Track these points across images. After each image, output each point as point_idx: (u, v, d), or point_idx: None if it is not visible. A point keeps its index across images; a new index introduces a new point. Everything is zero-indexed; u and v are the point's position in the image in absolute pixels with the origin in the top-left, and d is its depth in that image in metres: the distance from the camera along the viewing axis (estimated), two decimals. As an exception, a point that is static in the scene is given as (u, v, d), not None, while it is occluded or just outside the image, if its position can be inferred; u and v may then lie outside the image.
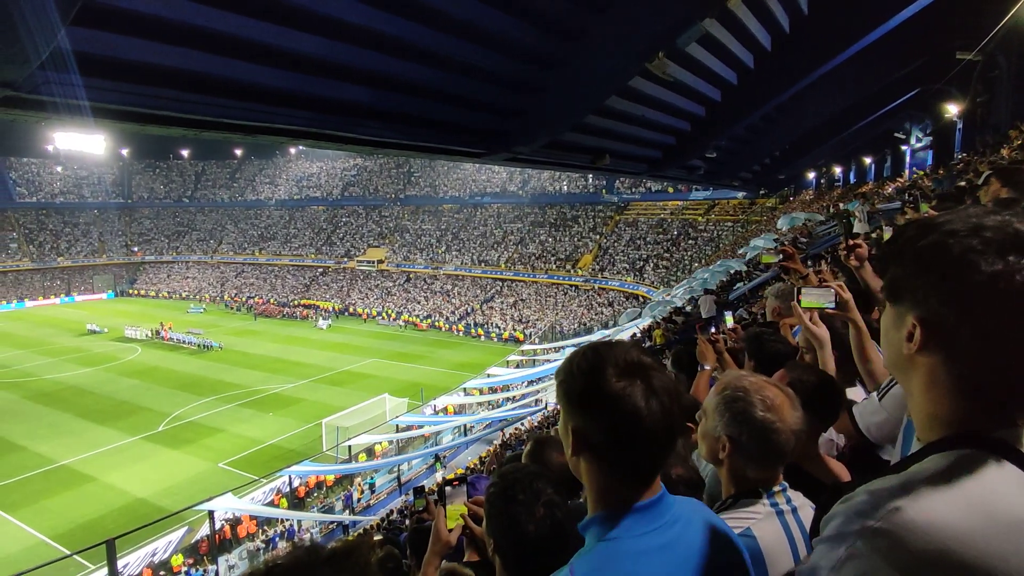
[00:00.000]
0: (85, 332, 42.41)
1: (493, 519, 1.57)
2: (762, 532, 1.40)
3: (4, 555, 15.38)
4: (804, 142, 21.66)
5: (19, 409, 26.23)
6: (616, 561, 0.99)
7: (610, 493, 1.04)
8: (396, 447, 22.28)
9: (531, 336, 38.67)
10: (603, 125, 13.89)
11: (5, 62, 3.19)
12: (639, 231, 46.50)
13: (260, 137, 7.92)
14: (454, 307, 46.09)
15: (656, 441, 1.01)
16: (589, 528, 1.05)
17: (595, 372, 1.01)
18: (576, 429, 1.03)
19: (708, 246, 40.90)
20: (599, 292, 42.47)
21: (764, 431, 1.44)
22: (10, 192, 63.49)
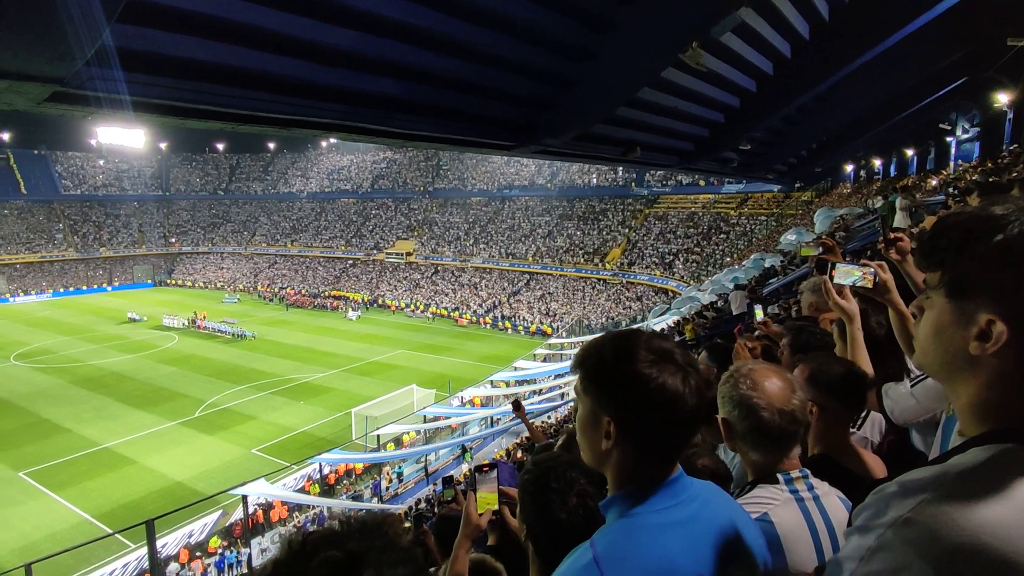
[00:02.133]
0: (126, 320, 43.90)
1: (527, 505, 1.59)
2: (780, 518, 1.40)
3: (51, 532, 16.07)
4: (843, 133, 21.01)
5: (65, 393, 27.32)
6: (636, 534, 1.02)
7: (636, 473, 1.07)
8: (423, 437, 22.54)
9: (558, 330, 38.61)
10: (634, 117, 13.68)
11: (54, 59, 3.28)
12: (669, 225, 45.88)
13: (294, 130, 8.03)
14: (481, 300, 46.27)
15: (689, 421, 1.05)
16: (611, 507, 1.09)
17: (629, 357, 1.04)
18: (615, 416, 1.05)
19: (740, 240, 40.13)
20: (627, 286, 42.11)
21: (745, 408, 1.46)
22: (56, 185, 65.94)
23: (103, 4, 3.47)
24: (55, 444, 21.67)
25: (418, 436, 22.38)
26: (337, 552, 0.74)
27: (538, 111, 12.06)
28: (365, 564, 0.73)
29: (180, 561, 15.15)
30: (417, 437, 22.36)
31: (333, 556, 0.73)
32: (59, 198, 65.22)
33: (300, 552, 0.76)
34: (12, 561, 14.30)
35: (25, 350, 35.53)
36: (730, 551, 1.07)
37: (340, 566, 0.73)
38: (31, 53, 3.10)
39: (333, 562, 0.73)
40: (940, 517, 0.64)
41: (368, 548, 0.75)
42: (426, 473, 20.39)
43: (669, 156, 16.80)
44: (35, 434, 22.55)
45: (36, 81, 3.39)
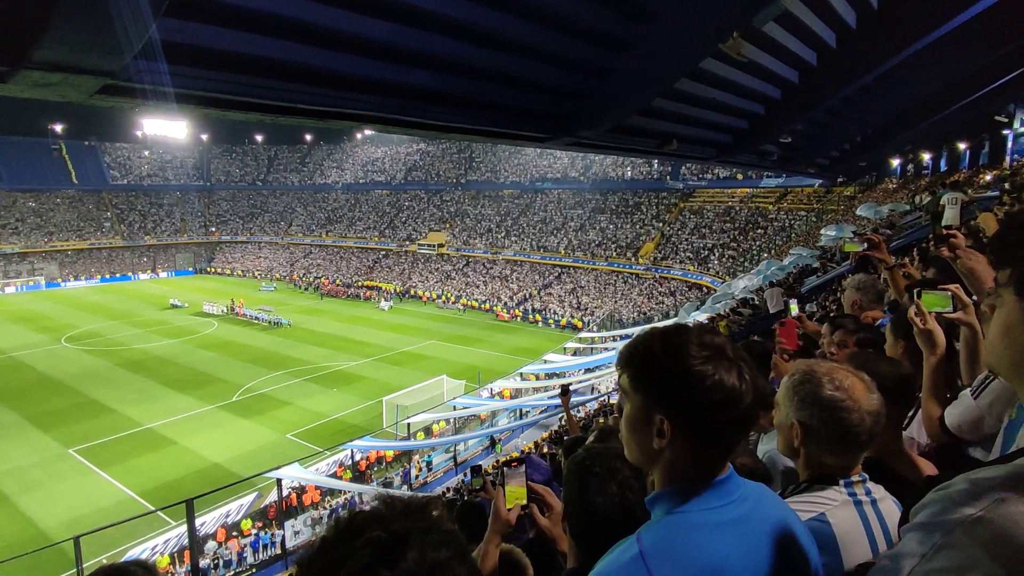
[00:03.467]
0: (168, 306, 45.45)
1: (566, 487, 1.61)
2: (837, 519, 1.37)
3: (98, 507, 16.80)
4: (890, 126, 20.21)
5: (112, 375, 28.47)
6: (685, 532, 1.01)
7: (688, 471, 1.06)
8: (453, 427, 22.76)
9: (589, 324, 38.40)
10: (671, 108, 13.43)
11: (105, 53, 3.37)
12: (705, 219, 45.04)
13: (331, 122, 8.13)
14: (512, 292, 46.31)
15: (745, 418, 1.04)
16: (658, 502, 1.08)
17: (681, 354, 1.03)
18: (669, 415, 1.04)
19: (779, 236, 39.15)
20: (660, 281, 41.56)
21: (834, 411, 1.40)
22: (105, 175, 68.51)
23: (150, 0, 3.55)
24: (102, 423, 22.63)
25: (448, 426, 22.61)
26: (382, 532, 0.76)
27: (573, 102, 11.95)
28: (409, 544, 0.75)
29: (217, 539, 15.67)
30: (447, 427, 22.60)
31: (378, 536, 0.75)
32: (107, 187, 67.78)
33: (347, 531, 0.78)
34: (62, 533, 15.00)
35: (75, 333, 37.15)
36: (782, 553, 1.06)
37: (384, 545, 0.74)
38: (85, 48, 3.20)
39: (378, 541, 0.74)
40: (1015, 517, 0.62)
41: (412, 529, 0.77)
42: (455, 463, 20.60)
43: (706, 149, 16.45)
44: (84, 413, 23.58)
45: (88, 74, 3.50)
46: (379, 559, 0.73)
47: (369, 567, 0.72)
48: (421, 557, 0.74)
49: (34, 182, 62.41)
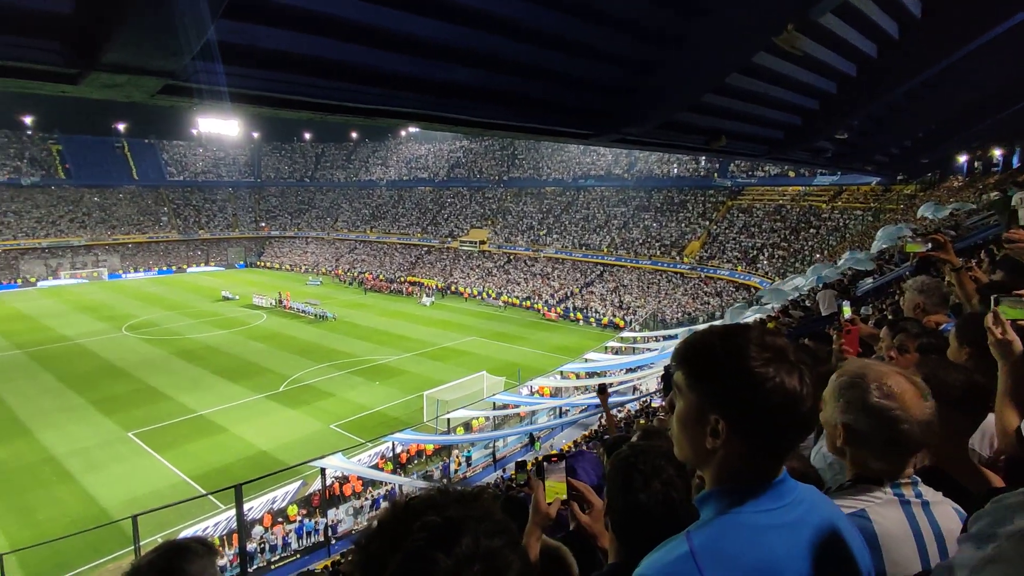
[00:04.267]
0: (220, 298, 47.24)
1: (610, 483, 1.63)
2: (879, 517, 1.33)
3: (153, 489, 17.61)
4: (956, 121, 19.10)
5: (167, 363, 29.79)
6: (738, 533, 0.99)
7: (741, 472, 1.05)
8: (492, 423, 22.87)
9: (631, 323, 37.91)
10: (720, 104, 13.05)
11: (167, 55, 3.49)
12: (754, 218, 43.75)
13: (378, 120, 8.22)
14: (553, 290, 46.16)
15: (805, 422, 1.03)
16: (708, 502, 1.07)
17: (741, 355, 1.02)
18: (725, 416, 1.03)
19: (832, 236, 37.68)
20: (706, 281, 40.64)
21: (881, 419, 1.36)
22: (163, 171, 71.74)
23: (210, 2, 3.66)
24: (158, 409, 23.70)
25: (487, 422, 22.73)
26: (437, 517, 0.77)
27: (619, 98, 11.76)
28: (463, 531, 0.76)
29: (264, 524, 16.21)
30: (486, 423, 22.72)
31: (434, 521, 0.77)
32: (165, 183, 70.94)
33: (403, 514, 0.80)
34: (121, 512, 15.78)
35: (134, 322, 39.03)
36: (835, 558, 1.05)
37: (440, 531, 0.76)
38: (149, 50, 3.31)
39: (433, 526, 0.76)
40: None
41: (466, 516, 0.78)
42: (494, 459, 20.70)
43: (757, 145, 15.95)
44: (142, 399, 24.75)
45: (152, 75, 3.64)
46: (434, 543, 0.75)
47: (424, 550, 0.74)
48: (475, 544, 0.76)
49: (99, 178, 65.87)
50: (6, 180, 59.38)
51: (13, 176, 59.99)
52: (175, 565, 1.34)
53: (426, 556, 0.74)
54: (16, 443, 20.46)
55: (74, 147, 66.09)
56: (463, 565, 0.74)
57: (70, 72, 3.40)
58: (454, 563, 0.74)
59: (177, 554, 1.38)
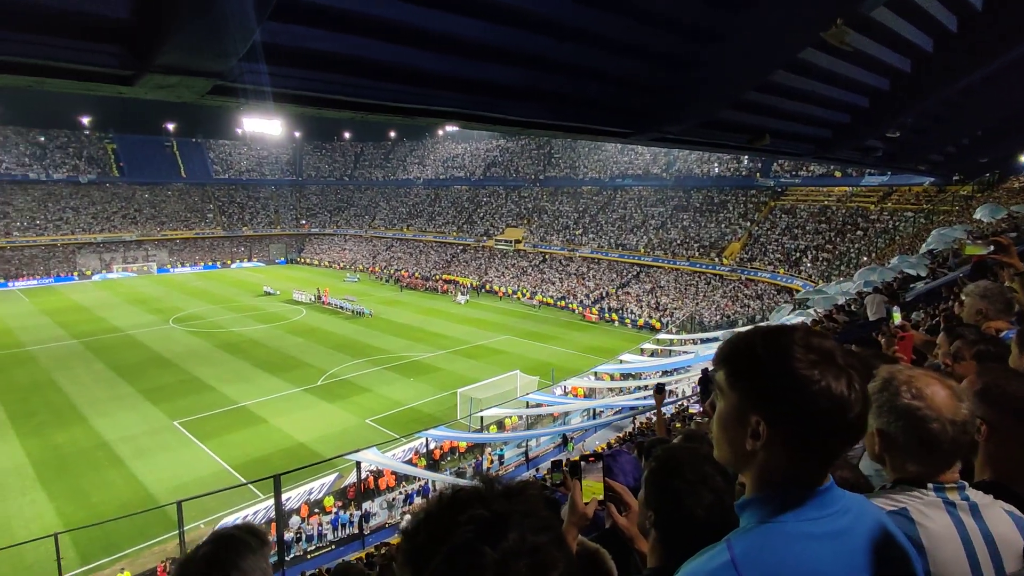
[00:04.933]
0: (262, 293, 48.60)
1: (654, 493, 1.58)
2: (922, 516, 1.30)
3: (197, 476, 18.22)
4: (1019, 117, 18.14)
5: (212, 355, 30.79)
6: (782, 542, 0.96)
7: (784, 478, 1.01)
8: (525, 423, 22.86)
9: (668, 325, 37.36)
10: (764, 102, 12.68)
11: (217, 57, 3.58)
12: (797, 219, 42.50)
13: (417, 119, 8.30)
14: (588, 290, 45.85)
15: (852, 428, 0.99)
16: (749, 508, 1.04)
17: (786, 356, 0.98)
18: (767, 418, 1.00)
19: (880, 238, 36.27)
20: (746, 283, 39.70)
21: (911, 419, 1.34)
22: (209, 170, 74.22)
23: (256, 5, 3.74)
24: (202, 399, 24.52)
25: (520, 421, 22.74)
26: (485, 511, 0.78)
27: (658, 96, 11.57)
28: (510, 526, 0.76)
29: (301, 515, 16.60)
30: (519, 422, 22.73)
31: (481, 514, 0.77)
32: (211, 181, 73.40)
33: (450, 506, 0.80)
34: (166, 497, 16.39)
35: (181, 315, 40.48)
36: (884, 570, 1.00)
37: (487, 524, 0.76)
38: (199, 52, 3.42)
39: (481, 520, 0.76)
40: None
41: (513, 511, 0.78)
42: (526, 458, 20.68)
43: (802, 144, 15.48)
44: (187, 389, 25.65)
45: (202, 76, 3.75)
46: (481, 536, 0.75)
47: (472, 543, 0.74)
48: (521, 539, 0.75)
49: (149, 176, 68.61)
50: (65, 178, 62.42)
51: (72, 174, 63.01)
52: (227, 559, 1.33)
53: (473, 549, 0.74)
54: (73, 429, 21.48)
55: (127, 146, 69.00)
56: (509, 560, 0.74)
57: (126, 74, 3.54)
58: (501, 557, 0.73)
59: (230, 547, 1.37)
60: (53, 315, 40.13)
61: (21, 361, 29.40)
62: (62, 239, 58.20)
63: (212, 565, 1.33)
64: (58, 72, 3.39)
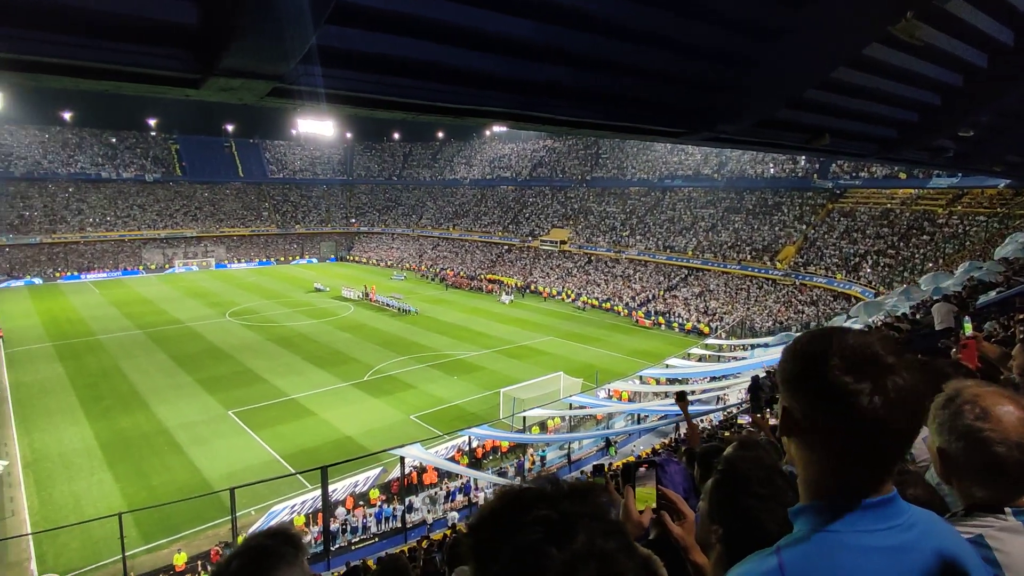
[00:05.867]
0: (312, 289, 50.04)
1: (722, 508, 1.54)
2: (999, 543, 1.20)
3: (249, 465, 18.90)
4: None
5: (264, 348, 31.90)
6: (834, 553, 0.92)
7: (833, 486, 0.98)
8: (568, 425, 22.72)
9: (717, 330, 36.45)
10: (824, 100, 12.14)
11: (277, 60, 3.69)
12: (857, 222, 40.66)
13: (467, 119, 8.32)
14: (634, 292, 45.21)
15: (894, 437, 0.94)
16: (801, 516, 1.01)
17: (816, 359, 0.96)
18: (786, 408, 1.00)
19: (948, 244, 34.32)
20: (801, 288, 38.30)
21: (974, 441, 1.25)
22: (265, 169, 77.08)
23: (312, 9, 3.82)
24: (255, 391, 25.43)
25: (563, 423, 22.62)
26: (553, 513, 0.76)
27: (713, 95, 11.24)
28: (578, 528, 0.75)
29: (346, 507, 16.99)
30: (562, 424, 22.60)
31: (549, 516, 0.76)
32: (266, 180, 76.19)
33: (516, 505, 0.79)
34: (220, 483, 17.07)
35: (237, 309, 42.13)
36: None
37: (555, 527, 0.75)
38: (261, 55, 3.53)
39: (549, 521, 0.75)
40: None
41: (580, 513, 0.77)
42: (568, 460, 20.55)
43: (864, 144, 14.76)
44: (241, 380, 26.65)
45: (262, 79, 3.87)
46: (549, 538, 0.74)
47: (539, 544, 0.73)
48: (590, 543, 0.74)
49: (209, 175, 71.84)
50: (133, 177, 66.06)
51: (139, 173, 66.65)
52: (261, 573, 1.27)
53: (540, 550, 0.73)
54: (136, 415, 22.65)
55: (190, 146, 72.42)
56: (577, 563, 0.72)
57: (193, 77, 3.68)
58: (569, 558, 0.72)
59: (265, 561, 1.30)
60: (120, 306, 42.47)
61: (91, 349, 31.24)
62: (129, 235, 61.50)
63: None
64: (133, 76, 3.56)
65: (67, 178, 62.36)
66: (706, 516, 1.59)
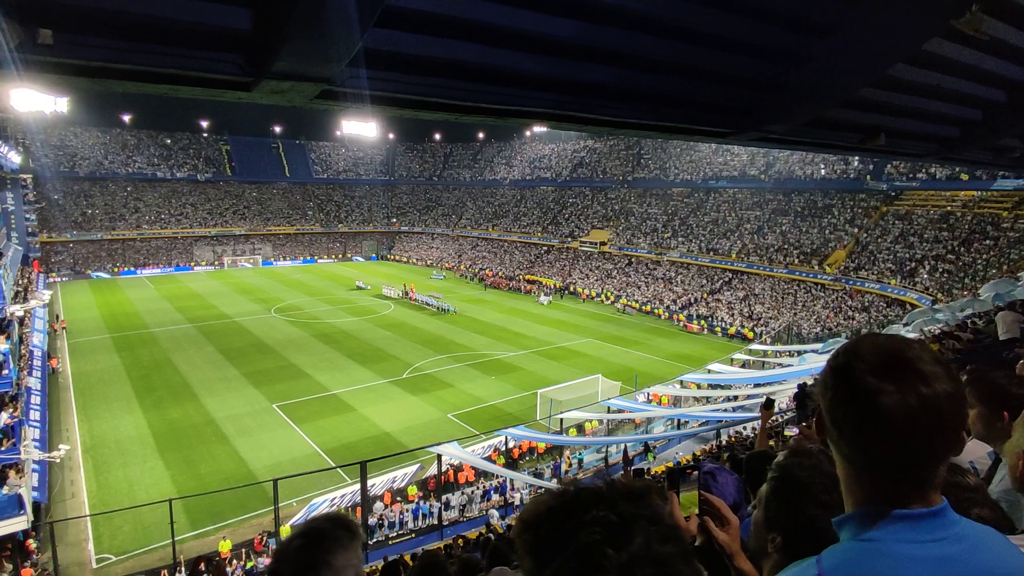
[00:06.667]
0: (354, 288, 51.07)
1: (783, 516, 1.50)
2: None
3: (291, 457, 19.41)
4: None
5: (308, 344, 32.72)
6: (875, 562, 0.91)
7: (873, 494, 0.96)
8: (606, 428, 22.50)
9: (762, 335, 35.48)
10: (880, 98, 11.68)
11: (325, 63, 3.75)
12: (913, 226, 38.91)
13: (509, 119, 8.35)
14: (676, 295, 44.45)
15: (930, 444, 0.91)
16: (845, 525, 1.00)
17: (848, 360, 0.95)
18: (840, 430, 0.97)
19: (1014, 249, 32.48)
20: (851, 294, 36.88)
21: None
22: (310, 170, 79.12)
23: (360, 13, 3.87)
24: (298, 385, 26.11)
25: (600, 426, 22.41)
26: (611, 514, 0.76)
27: (761, 93, 10.95)
28: (636, 531, 0.74)
29: (384, 502, 17.25)
30: (599, 427, 22.40)
31: (607, 517, 0.75)
32: (311, 181, 78.20)
33: (573, 504, 0.79)
34: (265, 474, 17.59)
35: (282, 305, 43.36)
36: None
37: (613, 528, 0.74)
38: (310, 58, 3.61)
39: (607, 522, 0.75)
40: None
41: (638, 515, 0.76)
42: (606, 463, 20.35)
43: (923, 144, 14.14)
44: (286, 375, 27.40)
45: (312, 81, 3.96)
46: (607, 539, 0.73)
47: (598, 545, 0.73)
48: (647, 546, 0.73)
49: (257, 175, 74.24)
50: (186, 176, 68.84)
51: (191, 173, 69.41)
52: (320, 558, 1.34)
53: (599, 551, 0.72)
54: (186, 406, 23.56)
55: (239, 147, 74.99)
56: (635, 566, 0.72)
57: (246, 80, 3.79)
58: (626, 561, 0.72)
59: (322, 542, 1.38)
60: (172, 301, 44.30)
61: (145, 341, 32.67)
62: (182, 232, 64.06)
63: (304, 561, 1.34)
64: (190, 80, 3.70)
65: (125, 178, 65.40)
66: (762, 525, 1.55)
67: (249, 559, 14.81)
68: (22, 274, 37.01)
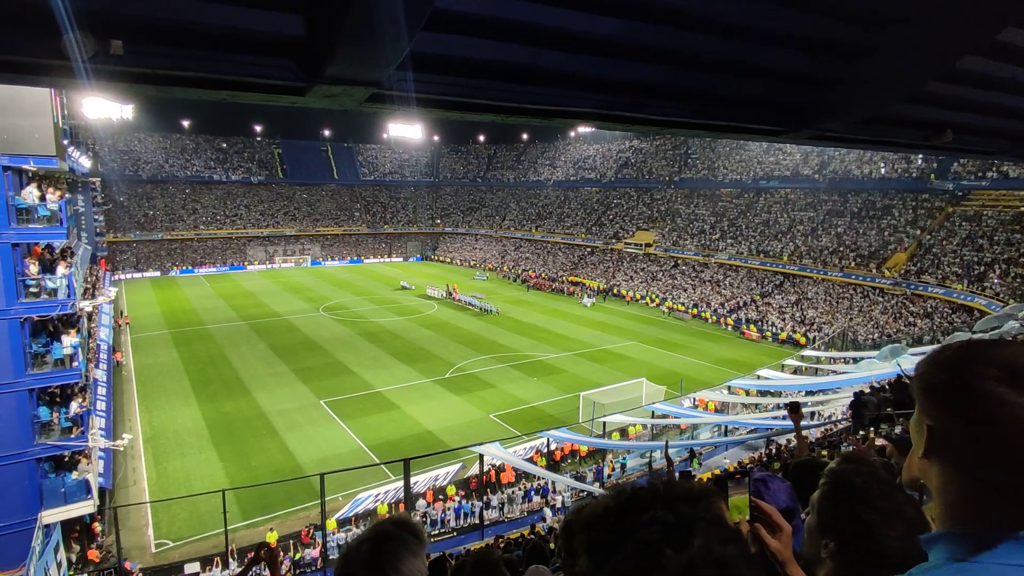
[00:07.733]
0: (399, 287, 51.93)
1: (838, 522, 1.46)
2: None
3: (337, 452, 19.87)
4: None
5: (354, 342, 33.46)
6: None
7: (970, 509, 0.89)
8: (650, 432, 22.12)
9: (815, 341, 34.18)
10: (947, 92, 11.01)
11: (375, 66, 3.82)
12: (983, 227, 36.72)
13: (555, 120, 8.28)
14: (723, 299, 43.36)
15: None
16: (938, 543, 0.92)
17: (968, 367, 0.88)
18: (932, 428, 0.91)
19: (1092, 252, 30.35)
20: (913, 299, 35.14)
21: None
22: (357, 172, 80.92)
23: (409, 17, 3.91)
24: (345, 382, 26.72)
25: (644, 431, 22.04)
26: (670, 515, 0.74)
27: (817, 90, 10.51)
28: (695, 532, 0.73)
29: (426, 499, 17.44)
30: (643, 431, 22.04)
31: (666, 517, 0.74)
32: (359, 182, 79.98)
33: (631, 505, 0.78)
34: (312, 468, 18.07)
35: (329, 304, 44.48)
36: None
37: (672, 529, 0.73)
38: (361, 63, 3.68)
39: (666, 523, 0.74)
40: None
41: (697, 517, 0.75)
42: (650, 468, 20.01)
43: (994, 140, 13.31)
44: (332, 372, 28.09)
45: (362, 85, 4.04)
46: (666, 539, 0.72)
47: (657, 545, 0.72)
48: (707, 548, 0.71)
49: (307, 177, 76.44)
50: (240, 179, 71.58)
51: (246, 176, 72.15)
52: (387, 561, 1.34)
53: (659, 551, 0.71)
54: (239, 400, 24.45)
55: (291, 150, 77.40)
56: (696, 568, 0.70)
57: (299, 85, 3.89)
58: (686, 562, 0.70)
59: (390, 547, 1.37)
60: (227, 299, 46.08)
61: (202, 337, 34.08)
62: (236, 233, 66.57)
63: (373, 565, 1.34)
64: (247, 86, 3.83)
65: (184, 180, 68.51)
66: (815, 530, 1.51)
67: (296, 551, 15.23)
68: (90, 272, 39.18)
